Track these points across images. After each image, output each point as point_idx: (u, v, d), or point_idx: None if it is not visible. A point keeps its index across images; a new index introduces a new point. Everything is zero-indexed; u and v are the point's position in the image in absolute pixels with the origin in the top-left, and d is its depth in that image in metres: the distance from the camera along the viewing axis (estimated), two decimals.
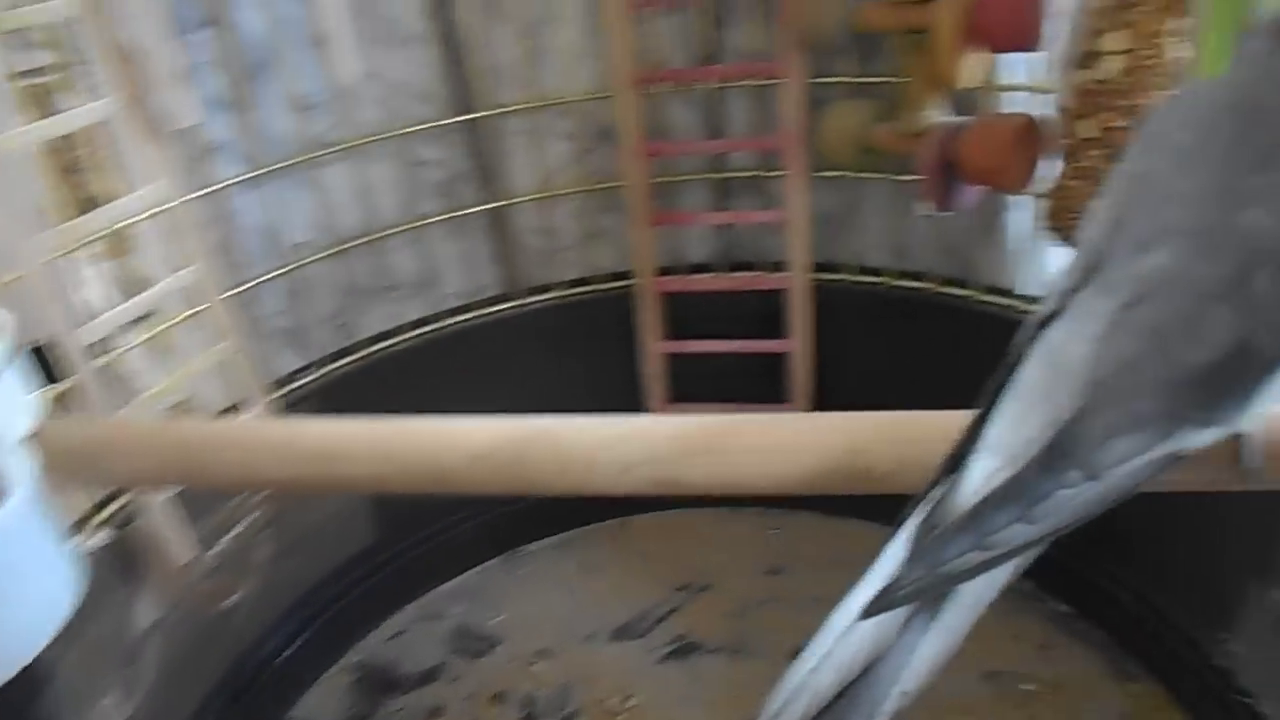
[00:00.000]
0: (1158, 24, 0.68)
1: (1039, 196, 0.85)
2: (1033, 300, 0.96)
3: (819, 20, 0.88)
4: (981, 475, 0.46)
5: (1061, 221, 0.77)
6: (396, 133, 0.99)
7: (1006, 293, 0.97)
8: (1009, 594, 0.45)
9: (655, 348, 1.09)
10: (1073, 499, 0.44)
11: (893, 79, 0.95)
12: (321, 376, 1.02)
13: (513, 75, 1.02)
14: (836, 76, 0.98)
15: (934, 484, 0.47)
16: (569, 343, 1.11)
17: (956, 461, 0.47)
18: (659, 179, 1.06)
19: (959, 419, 0.53)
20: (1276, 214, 0.40)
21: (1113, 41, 0.70)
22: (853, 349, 1.07)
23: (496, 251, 1.11)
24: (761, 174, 1.06)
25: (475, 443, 0.56)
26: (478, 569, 1.16)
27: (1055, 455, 0.44)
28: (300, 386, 1.00)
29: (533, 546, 1.18)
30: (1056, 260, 0.99)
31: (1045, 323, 0.47)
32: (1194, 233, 0.42)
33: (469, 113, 1.03)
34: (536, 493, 0.57)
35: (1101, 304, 0.44)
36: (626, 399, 1.12)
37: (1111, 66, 0.71)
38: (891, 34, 0.89)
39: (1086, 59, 0.71)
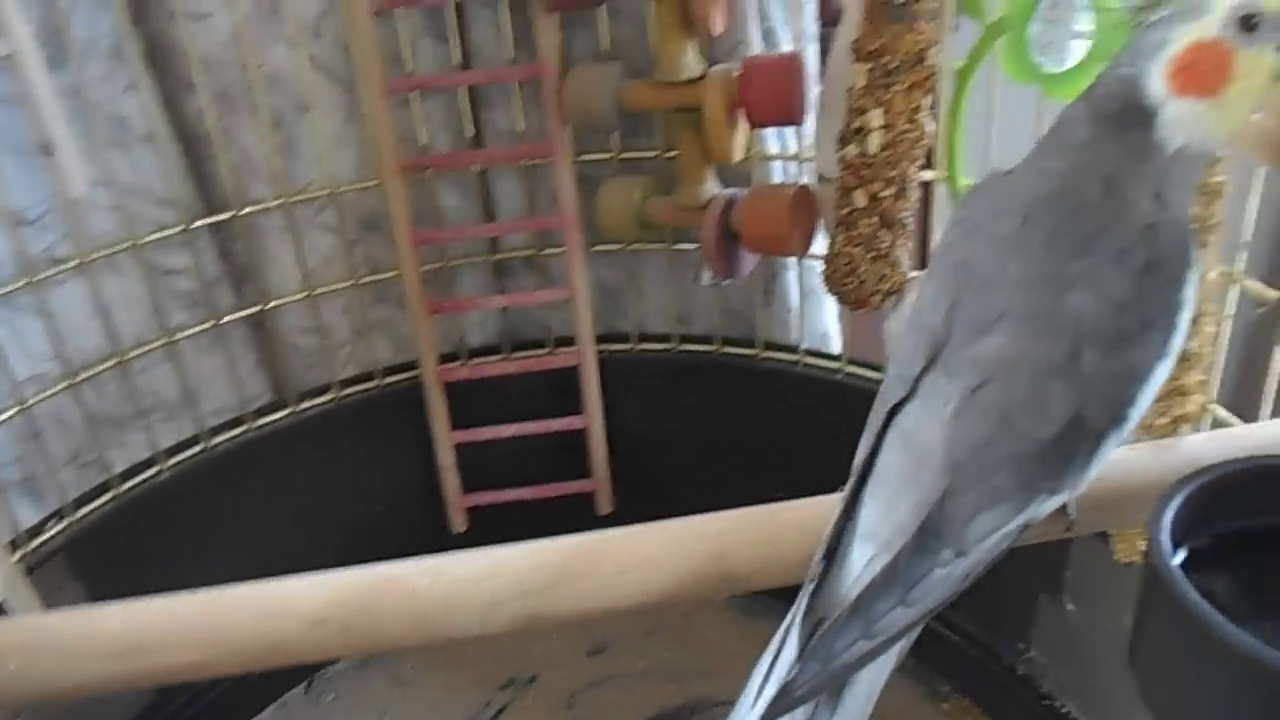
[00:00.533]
0: (911, 102, 0.74)
1: (816, 258, 0.90)
2: (814, 354, 1.01)
3: (587, 102, 0.88)
4: (860, 564, 0.47)
5: (841, 285, 0.81)
6: (136, 242, 0.89)
7: (790, 349, 1.02)
8: None
9: (447, 439, 1.04)
10: (946, 577, 0.46)
11: (664, 154, 0.97)
12: (69, 527, 0.89)
13: (263, 170, 0.95)
14: (607, 153, 0.99)
15: (813, 578, 0.48)
16: (355, 445, 1.05)
17: (832, 552, 0.48)
18: (433, 265, 1.02)
19: (812, 509, 0.55)
20: (1098, 296, 0.44)
21: (874, 119, 0.75)
22: (646, 416, 1.08)
23: (262, 359, 1.02)
24: (540, 253, 1.05)
25: (312, 605, 0.51)
26: (279, 703, 1.05)
27: (927, 537, 0.45)
28: (44, 543, 0.87)
29: (337, 667, 1.09)
30: (833, 317, 1.05)
31: (897, 408, 0.49)
32: (1026, 317, 0.45)
33: (217, 213, 0.94)
34: (392, 649, 0.52)
35: (948, 387, 0.46)
36: (423, 495, 1.07)
37: (874, 141, 0.75)
38: (660, 112, 0.91)
39: (852, 135, 0.76)
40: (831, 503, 0.54)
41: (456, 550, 0.53)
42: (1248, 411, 0.66)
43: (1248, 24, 0.43)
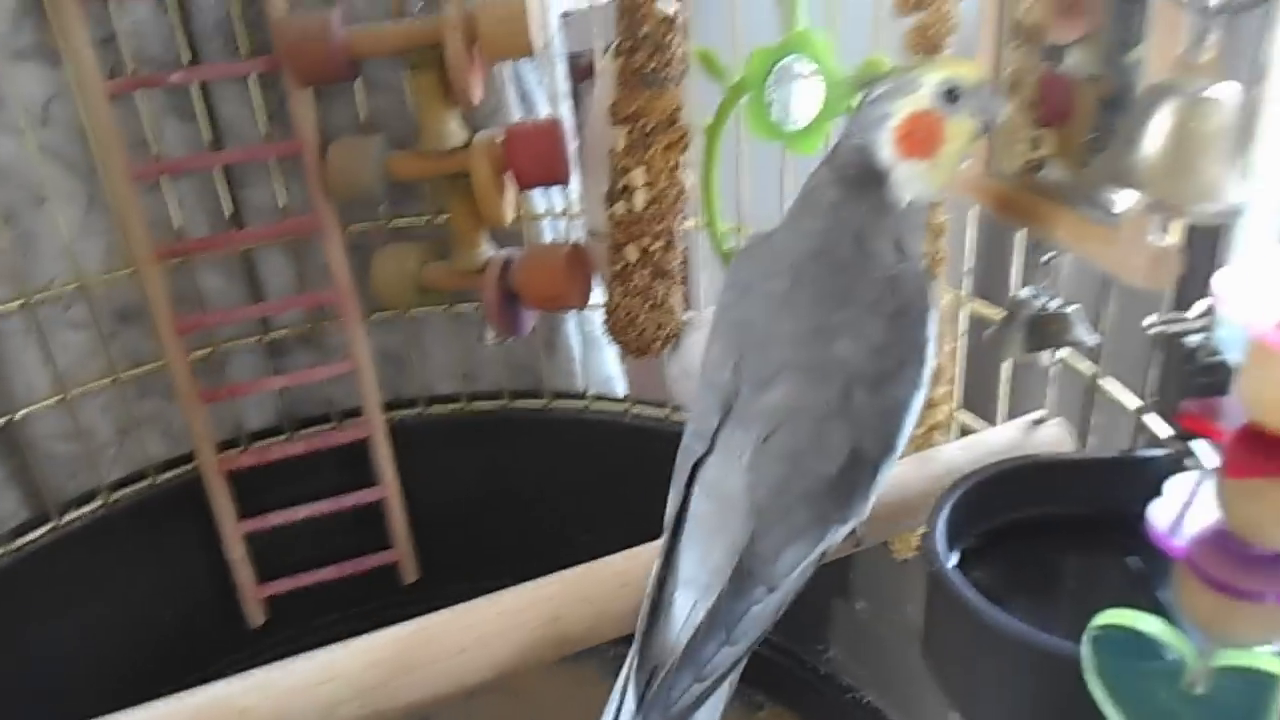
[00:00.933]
0: (669, 160, 0.79)
1: (595, 307, 0.93)
2: (600, 398, 1.04)
3: (353, 175, 0.87)
4: (684, 611, 0.51)
5: (622, 336, 0.85)
6: None
7: (577, 395, 1.05)
8: None
9: (235, 531, 1.00)
10: (762, 611, 0.50)
11: (434, 219, 0.98)
12: None
13: None
14: (376, 222, 0.98)
15: (642, 627, 0.51)
16: (133, 552, 0.98)
17: (656, 603, 0.52)
18: (201, 352, 0.97)
19: (633, 562, 0.58)
20: (859, 341, 0.50)
21: (637, 177, 0.79)
22: (442, 479, 1.07)
23: (14, 474, 0.93)
24: (316, 328, 1.02)
25: None
26: None
27: (742, 578, 0.50)
28: None
29: None
30: (615, 361, 1.10)
31: (700, 462, 0.53)
32: (802, 367, 0.51)
33: None
34: None
35: (743, 438, 0.51)
36: (215, 594, 1.01)
37: (639, 199, 0.80)
38: (429, 180, 0.92)
39: (619, 193, 0.80)
40: (648, 553, 0.58)
41: (284, 658, 0.52)
42: (988, 414, 0.76)
43: (951, 96, 0.51)
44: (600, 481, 1.04)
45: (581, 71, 1.19)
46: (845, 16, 0.72)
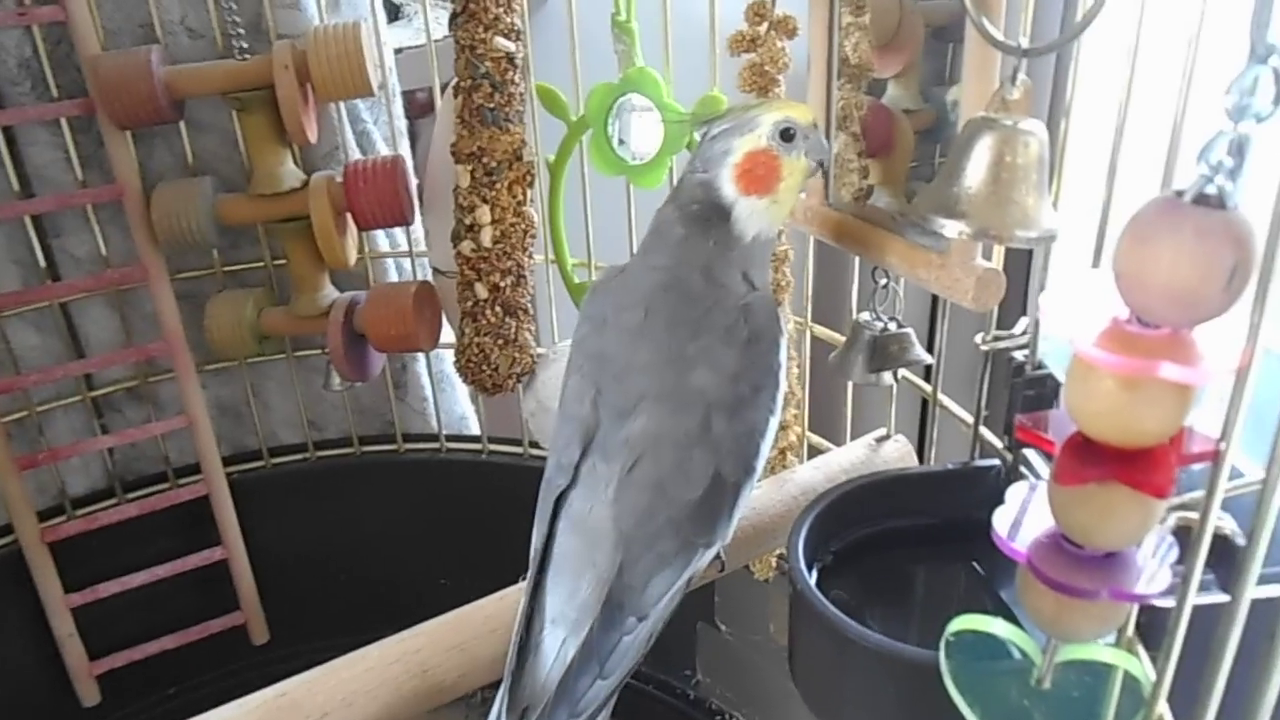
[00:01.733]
0: (515, 196, 0.79)
1: (444, 347, 0.92)
2: (454, 439, 1.03)
3: (180, 220, 0.83)
4: (554, 649, 0.51)
5: (476, 375, 0.85)
6: None
7: (431, 438, 1.03)
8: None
9: (61, 605, 0.92)
10: (633, 642, 0.51)
11: (270, 263, 0.94)
12: None
13: None
14: (209, 269, 0.94)
15: (510, 669, 0.50)
16: None
17: (524, 641, 0.51)
18: (15, 415, 0.90)
19: (500, 605, 0.57)
20: (714, 370, 0.51)
21: (483, 215, 0.79)
22: (291, 533, 1.03)
23: None
24: (146, 382, 0.97)
25: None
26: None
27: (612, 610, 0.50)
28: None
29: None
30: (467, 399, 1.08)
31: (563, 495, 0.53)
32: (661, 396, 0.52)
33: None
34: None
35: (605, 469, 0.52)
36: (42, 673, 0.93)
37: (486, 236, 0.80)
38: (264, 224, 0.89)
39: (465, 231, 0.80)
40: (516, 594, 0.57)
41: None
42: (835, 434, 0.79)
43: (786, 135, 0.53)
44: (459, 524, 1.02)
45: (419, 108, 1.18)
46: (682, 54, 0.74)
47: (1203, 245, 0.30)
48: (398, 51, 1.23)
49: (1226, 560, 0.36)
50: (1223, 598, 0.36)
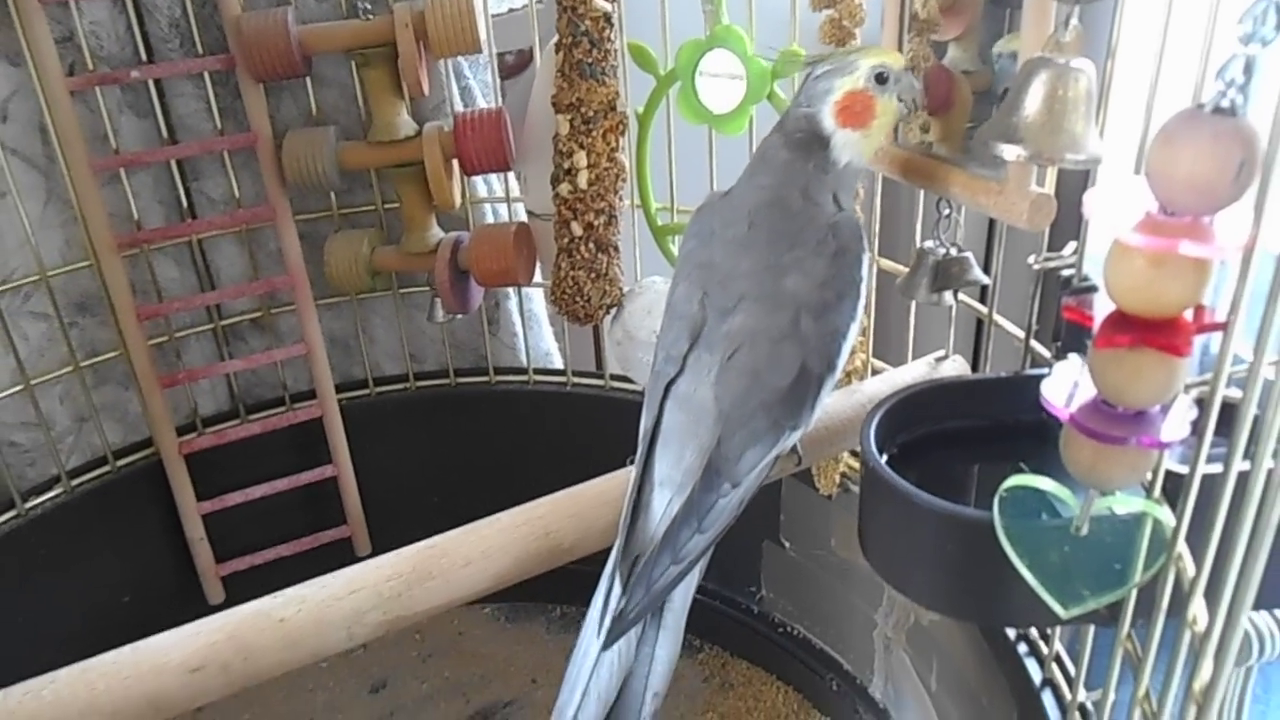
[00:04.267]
0: (609, 143, 0.88)
1: (535, 285, 1.01)
2: (541, 372, 1.12)
3: (308, 165, 0.93)
4: (661, 506, 0.59)
5: (570, 306, 0.93)
6: None
7: (519, 370, 1.12)
8: None
9: (194, 512, 1.04)
10: (727, 505, 0.59)
11: (378, 207, 1.04)
12: None
13: None
14: (327, 211, 1.04)
15: (624, 527, 0.59)
16: (95, 537, 1.01)
17: (635, 503, 0.60)
18: (158, 340, 1.01)
19: (611, 484, 0.66)
20: (806, 276, 0.60)
21: (580, 160, 0.88)
22: (391, 456, 1.13)
23: None
24: (269, 313, 1.07)
25: (187, 655, 0.54)
26: None
27: (711, 475, 0.59)
28: None
29: None
30: (552, 337, 1.17)
31: (673, 380, 0.62)
32: (759, 298, 0.60)
33: None
34: (265, 679, 0.57)
35: (709, 358, 0.60)
36: (174, 574, 1.05)
37: (583, 179, 0.88)
38: (379, 169, 0.98)
39: (564, 175, 0.88)
40: (623, 475, 0.66)
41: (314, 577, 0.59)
42: (897, 361, 0.87)
43: (881, 79, 0.61)
44: (545, 451, 1.11)
45: (508, 69, 1.27)
46: (763, 12, 0.81)
47: (1217, 145, 0.38)
48: (495, 16, 1.32)
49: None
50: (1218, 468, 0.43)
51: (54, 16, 0.88)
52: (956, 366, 0.76)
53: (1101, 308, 0.45)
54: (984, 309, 0.74)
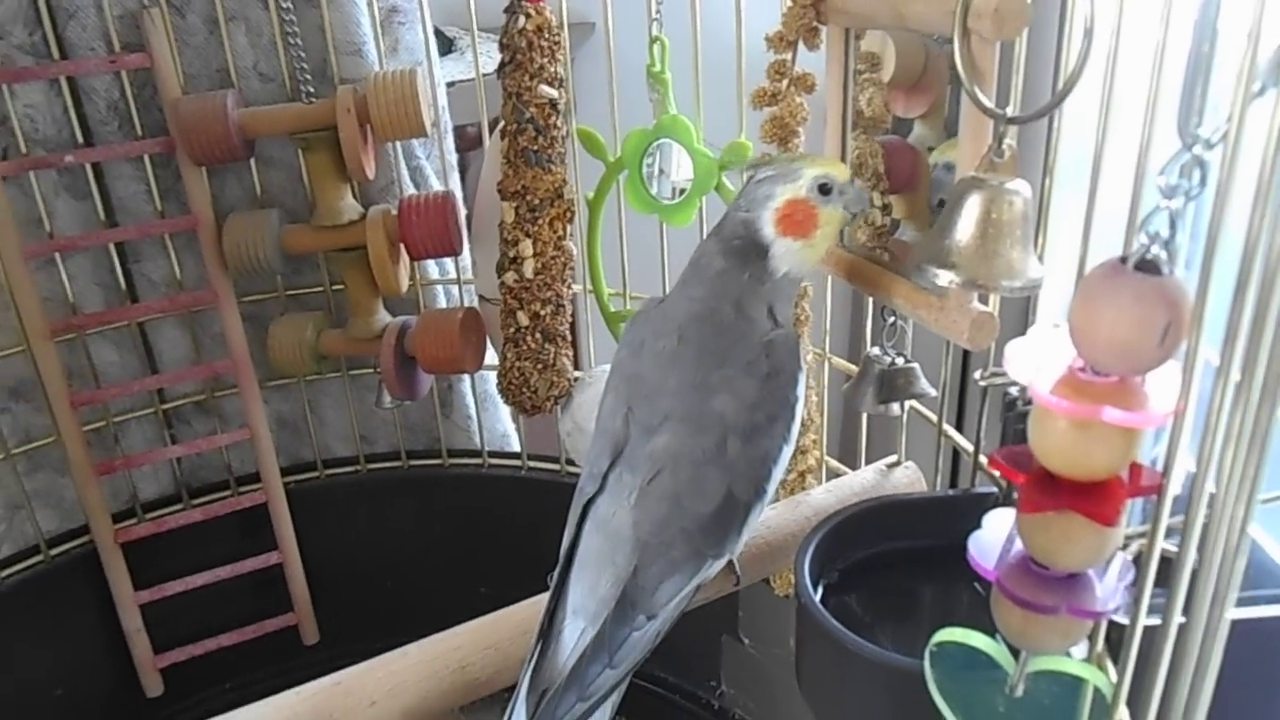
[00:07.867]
0: (555, 231, 0.85)
1: (488, 368, 0.98)
2: (496, 455, 1.08)
3: (249, 249, 0.90)
4: (573, 638, 0.56)
5: (516, 396, 0.90)
6: None
7: (474, 454, 1.09)
8: None
9: (131, 602, 1.00)
10: (641, 638, 0.56)
11: (325, 289, 1.01)
12: None
13: None
14: (272, 293, 1.01)
15: (533, 654, 0.55)
16: (26, 629, 0.97)
17: (547, 630, 0.56)
18: (94, 425, 0.98)
19: (531, 609, 0.62)
20: (734, 398, 0.57)
21: (526, 249, 0.85)
22: (341, 540, 1.09)
23: None
24: (213, 396, 1.04)
25: None
26: None
27: (625, 606, 0.56)
28: None
29: None
30: (509, 418, 1.14)
31: (591, 500, 0.58)
32: (684, 417, 0.57)
33: None
34: None
35: (630, 479, 0.57)
36: (108, 666, 1.01)
37: (528, 268, 0.86)
38: (324, 252, 0.96)
39: (509, 263, 0.85)
40: (544, 599, 0.63)
41: None
42: (851, 459, 0.84)
43: (824, 189, 0.58)
44: (498, 536, 1.07)
45: (469, 141, 1.25)
46: (710, 104, 0.79)
47: (1139, 307, 0.35)
48: (450, 85, 1.30)
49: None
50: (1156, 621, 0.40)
51: None
52: (909, 474, 0.73)
53: (1028, 462, 0.42)
54: (934, 417, 0.71)
